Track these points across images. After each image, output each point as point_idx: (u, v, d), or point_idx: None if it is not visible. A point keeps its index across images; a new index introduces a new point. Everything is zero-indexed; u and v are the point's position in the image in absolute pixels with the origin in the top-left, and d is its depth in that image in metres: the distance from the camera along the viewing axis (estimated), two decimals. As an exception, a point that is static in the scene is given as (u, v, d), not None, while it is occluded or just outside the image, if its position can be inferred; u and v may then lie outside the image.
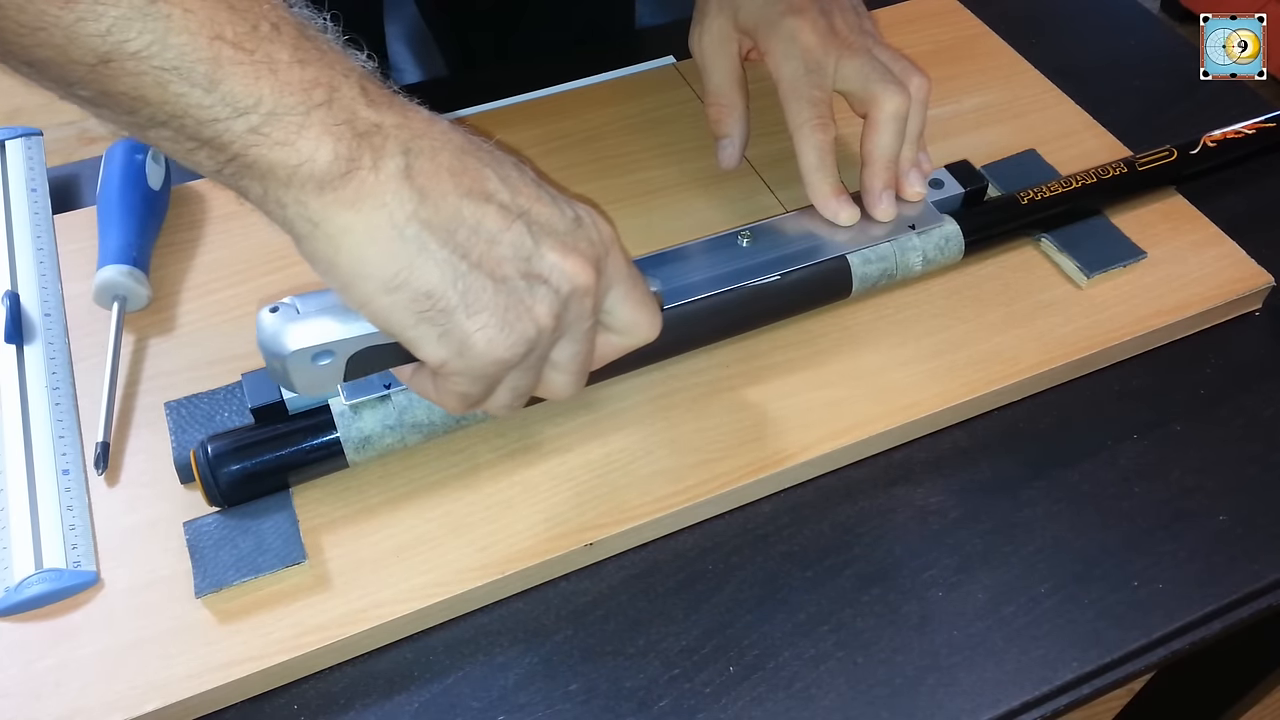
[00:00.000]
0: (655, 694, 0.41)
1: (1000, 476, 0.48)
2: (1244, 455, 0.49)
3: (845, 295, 0.51)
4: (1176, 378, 0.52)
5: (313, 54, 0.31)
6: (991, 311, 0.53)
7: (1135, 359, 0.53)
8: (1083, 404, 0.51)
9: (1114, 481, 0.48)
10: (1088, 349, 0.51)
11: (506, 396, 0.38)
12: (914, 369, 0.50)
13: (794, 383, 0.49)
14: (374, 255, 0.32)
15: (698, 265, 0.49)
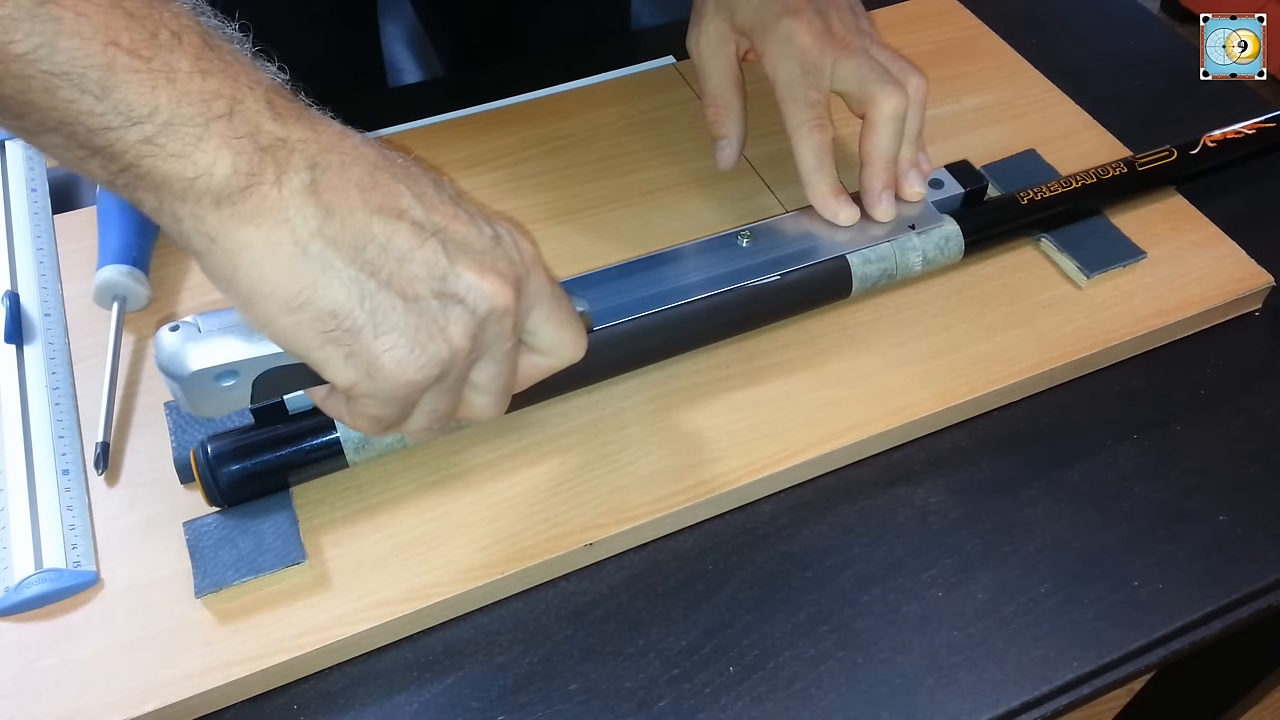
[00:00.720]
0: (655, 694, 0.41)
1: (1000, 476, 0.48)
2: (1244, 455, 0.49)
3: (845, 295, 0.51)
4: (1176, 378, 0.52)
5: (216, 64, 0.30)
6: (991, 311, 0.53)
7: (1135, 359, 0.53)
8: (1083, 404, 0.51)
9: (1114, 481, 0.48)
10: (1088, 349, 0.51)
11: (424, 420, 0.36)
12: (914, 369, 0.50)
13: (794, 383, 0.49)
14: (275, 273, 0.31)
15: (698, 265, 0.49)
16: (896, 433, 0.48)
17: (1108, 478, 0.48)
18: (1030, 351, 0.51)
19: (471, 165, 0.59)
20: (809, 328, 0.51)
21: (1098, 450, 0.49)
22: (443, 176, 0.36)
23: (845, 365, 0.50)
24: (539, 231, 0.56)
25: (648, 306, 0.48)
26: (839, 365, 0.50)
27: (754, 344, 0.51)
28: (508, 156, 0.60)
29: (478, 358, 0.36)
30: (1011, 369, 0.50)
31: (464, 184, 0.58)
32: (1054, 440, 0.50)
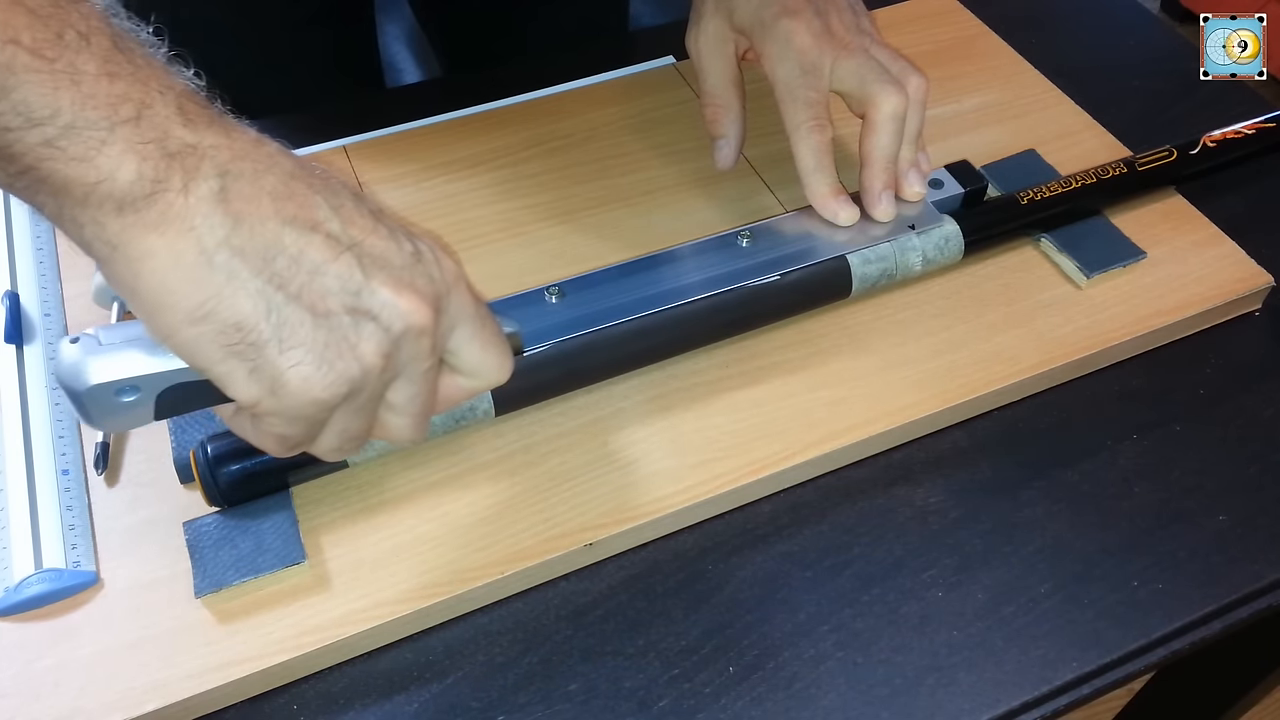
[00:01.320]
0: (655, 694, 0.41)
1: (1000, 476, 0.48)
2: (1244, 455, 0.49)
3: (845, 295, 0.51)
4: (1176, 378, 0.52)
5: (125, 67, 0.29)
6: (991, 312, 0.53)
7: (1135, 359, 0.53)
8: (1083, 404, 0.51)
9: (1114, 481, 0.48)
10: (1087, 349, 0.51)
11: (334, 440, 0.35)
12: (914, 369, 0.50)
13: (794, 383, 0.49)
14: (178, 283, 0.29)
15: (697, 265, 0.49)
16: (896, 433, 0.48)
17: (1108, 478, 0.48)
18: (1030, 351, 0.51)
19: (471, 165, 0.59)
20: (809, 328, 0.51)
21: (1098, 450, 0.49)
22: (364, 192, 0.35)
23: (845, 365, 0.50)
24: (539, 231, 0.56)
25: (648, 306, 0.48)
26: (839, 365, 0.50)
27: (754, 344, 0.51)
28: (508, 156, 0.60)
29: (393, 377, 0.34)
30: (1011, 369, 0.50)
31: (464, 184, 0.58)
32: (1054, 440, 0.50)
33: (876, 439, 0.48)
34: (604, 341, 0.47)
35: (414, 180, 0.58)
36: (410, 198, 0.57)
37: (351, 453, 0.36)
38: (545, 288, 0.48)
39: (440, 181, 0.58)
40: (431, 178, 0.59)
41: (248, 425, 0.35)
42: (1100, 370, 0.53)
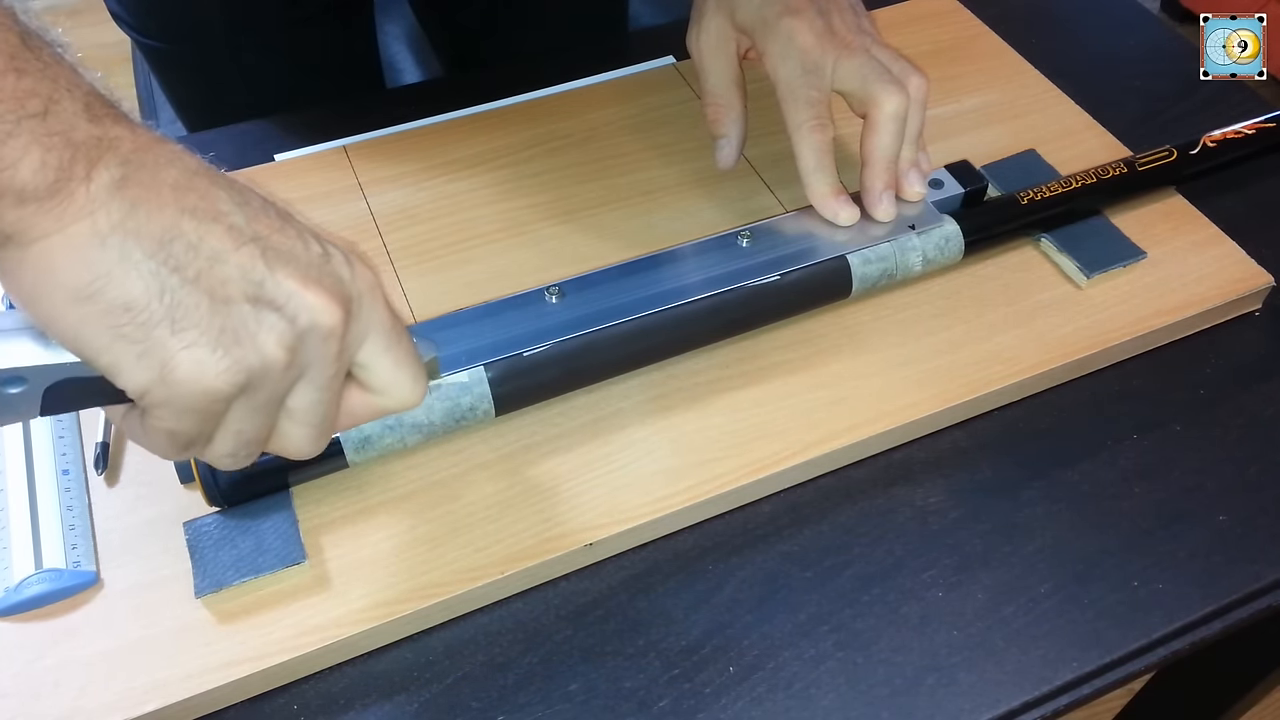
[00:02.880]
0: (655, 694, 0.41)
1: (1000, 476, 0.48)
2: (1244, 455, 0.49)
3: (845, 295, 0.51)
4: (1176, 378, 0.52)
5: (34, 65, 0.29)
6: (991, 312, 0.53)
7: (1135, 359, 0.53)
8: (1083, 404, 0.51)
9: (1114, 481, 0.48)
10: (1088, 349, 0.51)
11: (229, 443, 0.33)
12: (914, 369, 0.50)
13: (794, 383, 0.49)
14: (64, 263, 0.28)
15: (698, 265, 0.49)
16: (896, 433, 0.48)
17: (1108, 478, 0.48)
18: (1030, 351, 0.51)
19: (471, 165, 0.59)
20: (809, 328, 0.51)
21: (1098, 450, 0.49)
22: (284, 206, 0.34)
23: (845, 365, 0.50)
24: (539, 231, 0.56)
25: (648, 306, 0.48)
26: (839, 365, 0.50)
27: (754, 344, 0.51)
28: (508, 156, 0.60)
29: (296, 378, 0.32)
30: (1011, 369, 0.50)
31: (464, 184, 0.58)
32: (1054, 440, 0.50)
33: (876, 439, 0.48)
34: (604, 341, 0.47)
35: (414, 180, 0.58)
36: (410, 198, 0.57)
37: (245, 461, 0.34)
38: (545, 288, 0.48)
39: (440, 181, 0.58)
40: (431, 178, 0.59)
41: (137, 424, 0.32)
42: (1100, 370, 0.53)
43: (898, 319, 0.52)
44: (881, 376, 0.50)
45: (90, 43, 1.61)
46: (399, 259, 0.54)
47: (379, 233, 0.55)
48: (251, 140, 0.63)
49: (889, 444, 0.49)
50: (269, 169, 0.60)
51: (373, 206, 0.57)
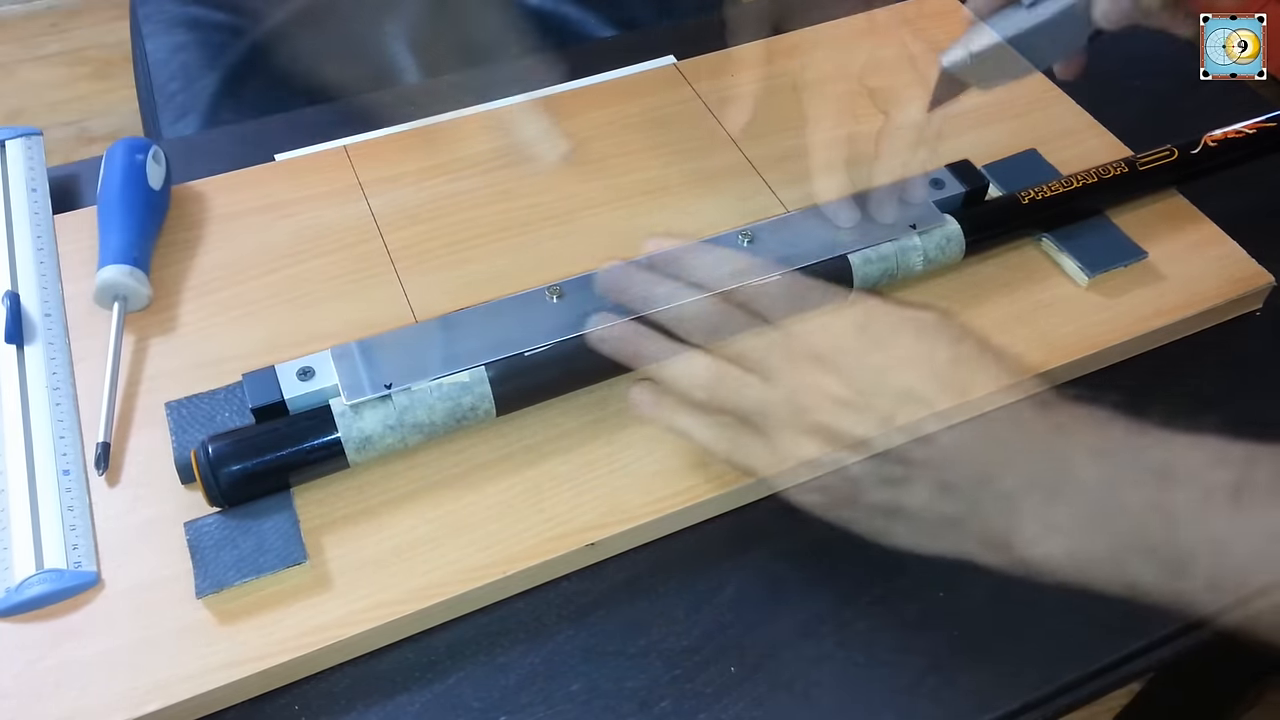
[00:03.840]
0: (657, 694, 0.41)
1: (1001, 476, 0.48)
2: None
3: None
4: (1178, 377, 0.52)
5: None
6: (992, 311, 0.53)
7: (1136, 358, 0.53)
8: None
9: (1113, 482, 0.48)
10: (1089, 349, 0.51)
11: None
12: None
13: (795, 383, 0.49)
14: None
15: (698, 266, 0.49)
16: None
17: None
18: (1031, 351, 0.51)
19: (471, 165, 0.59)
20: (810, 328, 0.51)
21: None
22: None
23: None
24: (539, 231, 0.56)
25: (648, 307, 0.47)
26: (840, 365, 0.50)
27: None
28: (508, 156, 0.60)
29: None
30: (1012, 369, 0.50)
31: (465, 184, 0.58)
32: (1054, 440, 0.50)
33: (876, 439, 0.48)
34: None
35: (414, 180, 0.58)
36: (410, 198, 0.57)
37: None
38: (545, 288, 0.48)
39: (440, 181, 0.58)
40: (431, 178, 0.59)
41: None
42: (1101, 370, 0.53)
43: (898, 319, 0.52)
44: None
45: (90, 43, 1.62)
46: (399, 259, 0.54)
47: (379, 233, 0.55)
48: (252, 140, 0.63)
49: (889, 444, 0.49)
50: (269, 169, 0.60)
51: (373, 206, 0.57)
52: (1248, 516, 0.31)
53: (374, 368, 0.45)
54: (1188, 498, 0.32)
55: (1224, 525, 0.31)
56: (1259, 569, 0.31)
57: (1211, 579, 0.31)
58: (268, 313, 0.52)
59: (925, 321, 0.39)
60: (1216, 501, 0.32)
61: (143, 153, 0.55)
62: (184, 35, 0.97)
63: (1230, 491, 0.32)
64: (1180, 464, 0.33)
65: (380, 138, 0.62)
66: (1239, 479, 0.32)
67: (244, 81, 0.92)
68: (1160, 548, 0.32)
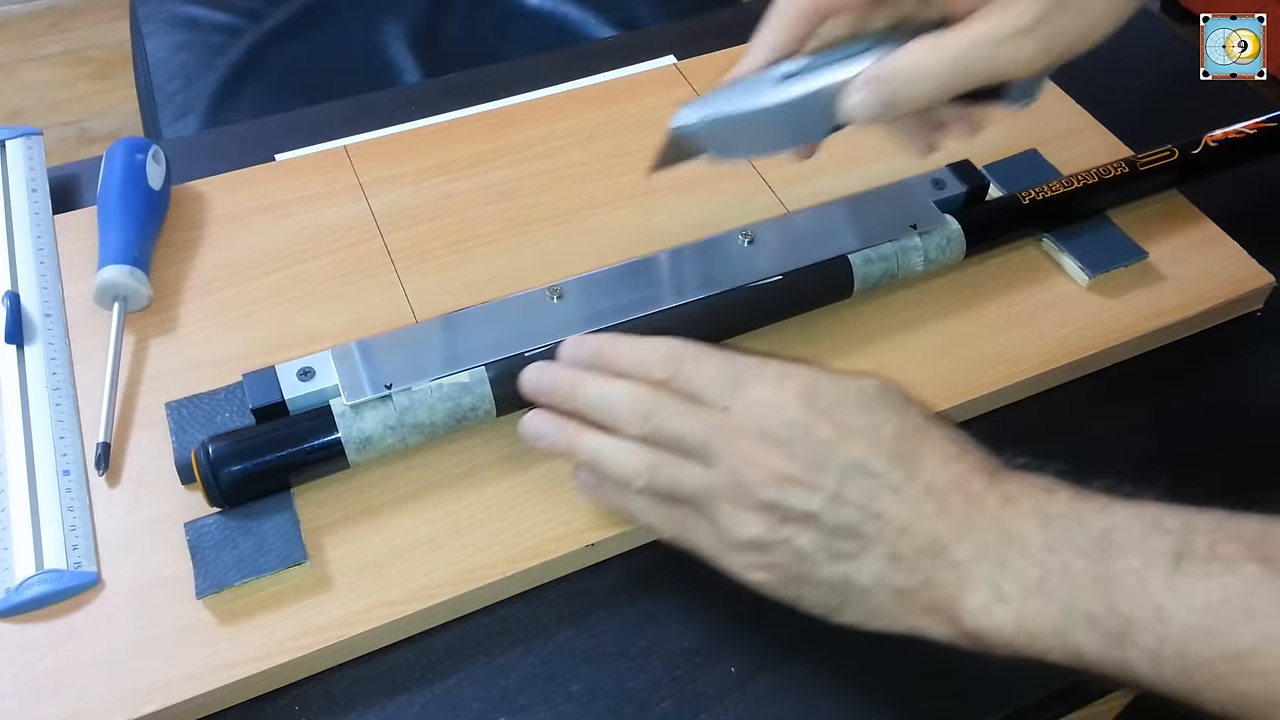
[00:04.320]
0: (657, 695, 0.41)
1: (1002, 476, 0.48)
2: (1245, 455, 0.49)
3: (847, 295, 0.51)
4: (1178, 378, 0.52)
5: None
6: (993, 311, 0.53)
7: (1137, 358, 0.53)
8: (1084, 404, 0.51)
9: (1115, 482, 0.48)
10: (1089, 349, 0.51)
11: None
12: (915, 369, 0.50)
13: (795, 383, 0.49)
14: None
15: (699, 266, 0.49)
16: (898, 433, 0.48)
17: (1108, 478, 0.48)
18: (1032, 351, 0.51)
19: (471, 165, 0.59)
20: (810, 327, 0.51)
21: (1099, 451, 0.49)
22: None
23: (846, 366, 0.50)
24: (539, 231, 0.56)
25: (649, 307, 0.48)
26: (840, 365, 0.50)
27: (755, 344, 0.51)
28: (508, 156, 0.60)
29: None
30: (1013, 369, 0.50)
31: (464, 184, 0.58)
32: (1055, 441, 0.50)
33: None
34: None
35: (414, 180, 0.58)
36: (410, 198, 0.57)
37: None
38: (546, 288, 0.48)
39: (440, 181, 0.58)
40: (432, 178, 0.59)
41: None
42: (1102, 370, 0.52)
43: (899, 319, 0.52)
44: (882, 376, 0.49)
45: (90, 43, 1.62)
46: (399, 259, 0.54)
47: (379, 233, 0.55)
48: (252, 140, 0.63)
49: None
50: (269, 169, 0.60)
51: (373, 206, 0.57)
52: (1186, 585, 0.31)
53: (374, 368, 0.45)
54: (1127, 566, 0.32)
55: (1163, 593, 0.31)
56: (1197, 640, 0.31)
57: (1153, 650, 0.32)
58: (268, 313, 0.52)
59: (869, 393, 0.38)
60: (1156, 569, 0.32)
61: (143, 153, 0.55)
62: (184, 35, 0.97)
63: (1171, 559, 0.32)
64: (1120, 532, 0.33)
65: (380, 138, 0.62)
66: (1179, 547, 0.32)
67: (244, 81, 0.92)
68: (1102, 618, 0.32)
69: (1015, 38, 0.36)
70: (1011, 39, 0.36)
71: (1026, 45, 0.36)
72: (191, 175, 0.59)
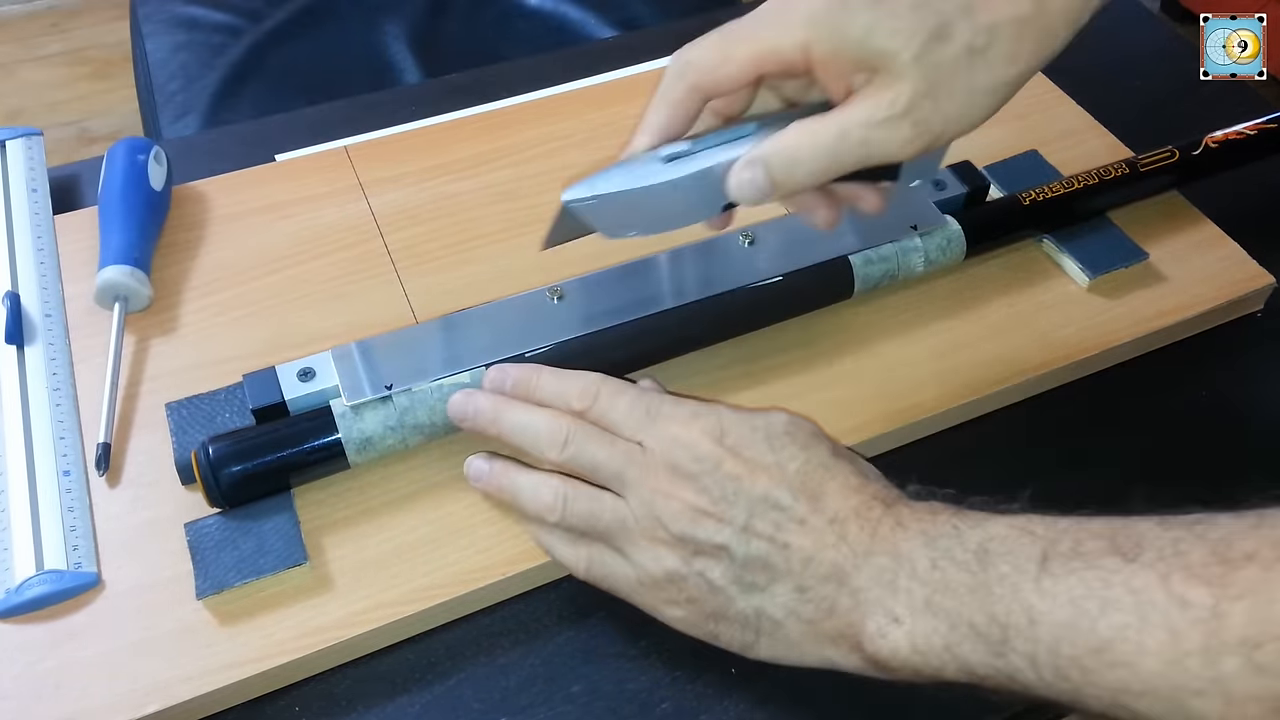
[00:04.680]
0: (658, 696, 0.41)
1: (1002, 478, 0.48)
2: (1246, 456, 0.49)
3: (847, 296, 0.51)
4: (1179, 378, 0.52)
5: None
6: (993, 312, 0.52)
7: (1137, 360, 0.53)
8: (1085, 405, 0.51)
9: (1113, 483, 0.48)
10: (1090, 350, 0.51)
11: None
12: (916, 370, 0.50)
13: (796, 384, 0.49)
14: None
15: (699, 266, 0.49)
16: (898, 434, 0.48)
17: (1108, 479, 0.48)
18: (1032, 352, 0.51)
19: (471, 165, 0.59)
20: (810, 328, 0.51)
21: (1100, 451, 0.49)
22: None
23: (847, 366, 0.50)
24: (540, 232, 0.55)
25: (649, 307, 0.48)
26: (841, 366, 0.50)
27: (755, 344, 0.51)
28: (508, 156, 0.60)
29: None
30: (1013, 370, 0.50)
31: (464, 184, 0.58)
32: (1055, 441, 0.50)
33: (878, 440, 0.48)
34: (604, 342, 0.47)
35: (414, 180, 0.58)
36: (410, 198, 0.57)
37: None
38: (546, 288, 0.48)
39: (440, 181, 0.58)
40: (432, 178, 0.58)
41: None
42: (1102, 371, 0.52)
43: (900, 320, 0.52)
44: (883, 377, 0.50)
45: (90, 43, 1.62)
46: (399, 259, 0.54)
47: (379, 233, 0.55)
48: (252, 140, 0.63)
49: (890, 445, 0.49)
50: (269, 169, 0.60)
51: (373, 206, 0.57)
52: (1052, 584, 0.32)
53: (374, 368, 0.45)
54: (999, 573, 0.33)
55: (1033, 595, 0.32)
56: (1065, 638, 0.32)
57: (1030, 655, 0.32)
58: (268, 313, 0.52)
59: (775, 429, 0.39)
60: (1026, 574, 0.33)
61: (144, 153, 0.55)
62: (184, 35, 0.97)
63: (1038, 561, 0.33)
64: (995, 542, 0.34)
65: (380, 138, 0.62)
66: (1045, 549, 0.33)
67: (244, 81, 0.92)
68: (983, 628, 0.33)
69: (887, 124, 0.36)
70: (883, 125, 0.36)
71: (899, 131, 0.36)
72: (192, 175, 0.59)
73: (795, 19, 0.36)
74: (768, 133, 0.38)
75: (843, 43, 0.36)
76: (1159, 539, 0.32)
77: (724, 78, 0.38)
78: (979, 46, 0.35)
